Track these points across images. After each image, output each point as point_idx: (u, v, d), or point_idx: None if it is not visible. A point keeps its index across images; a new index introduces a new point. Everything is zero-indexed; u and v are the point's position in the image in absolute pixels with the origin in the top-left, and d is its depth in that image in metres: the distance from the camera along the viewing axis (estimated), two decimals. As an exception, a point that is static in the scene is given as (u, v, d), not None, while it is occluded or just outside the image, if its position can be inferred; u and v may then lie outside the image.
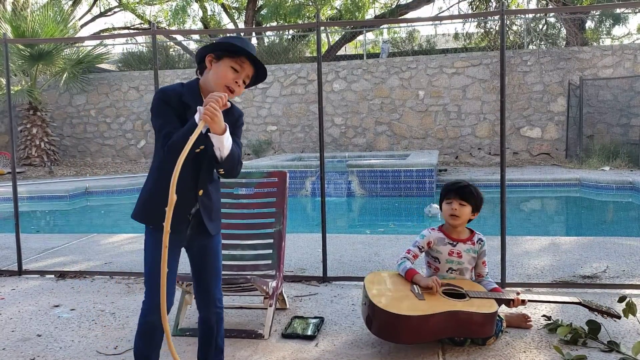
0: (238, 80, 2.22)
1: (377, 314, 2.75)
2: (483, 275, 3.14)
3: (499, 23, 5.90)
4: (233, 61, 2.21)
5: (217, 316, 2.45)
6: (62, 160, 16.07)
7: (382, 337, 2.82)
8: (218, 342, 2.49)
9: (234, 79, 2.21)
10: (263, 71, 2.30)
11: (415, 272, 3.00)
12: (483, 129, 14.17)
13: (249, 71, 2.25)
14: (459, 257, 3.07)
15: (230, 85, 2.20)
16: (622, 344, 2.82)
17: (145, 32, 7.56)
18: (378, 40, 22.41)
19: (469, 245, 3.10)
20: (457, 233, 3.12)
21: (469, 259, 3.09)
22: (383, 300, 2.78)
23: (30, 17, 14.81)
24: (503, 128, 3.88)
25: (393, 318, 2.69)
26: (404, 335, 2.74)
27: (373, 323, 2.81)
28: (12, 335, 3.27)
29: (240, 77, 2.22)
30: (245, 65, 2.23)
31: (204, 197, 2.30)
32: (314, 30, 17.29)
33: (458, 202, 3.04)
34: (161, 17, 24.35)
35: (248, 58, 2.22)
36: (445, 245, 3.09)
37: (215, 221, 2.39)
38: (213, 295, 2.43)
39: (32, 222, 9.24)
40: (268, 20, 19.76)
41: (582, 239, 5.38)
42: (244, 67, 2.23)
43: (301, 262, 4.71)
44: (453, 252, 3.07)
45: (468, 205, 3.05)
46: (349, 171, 10.14)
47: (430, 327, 2.72)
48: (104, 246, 5.69)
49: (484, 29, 17.47)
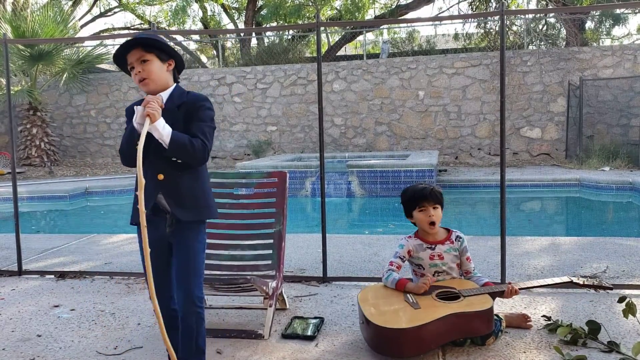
0: (136, 70, 2.40)
1: (376, 331, 2.72)
2: (470, 271, 3.12)
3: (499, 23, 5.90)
4: (128, 67, 2.45)
5: (196, 316, 2.42)
6: (62, 160, 16.07)
7: (386, 354, 2.77)
8: (199, 342, 2.46)
9: (135, 74, 2.41)
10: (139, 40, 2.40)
11: (406, 281, 2.98)
12: (483, 129, 14.17)
13: (136, 55, 2.40)
14: (440, 259, 3.06)
15: (137, 80, 2.42)
16: (622, 344, 2.82)
17: (145, 32, 7.57)
18: (378, 41, 22.41)
19: (448, 245, 3.09)
20: (432, 236, 3.11)
21: (451, 258, 3.08)
22: (379, 316, 2.75)
23: (30, 18, 14.81)
24: (503, 128, 3.88)
25: (391, 333, 2.66)
26: (406, 349, 2.70)
27: (374, 341, 2.79)
28: (12, 335, 3.27)
29: (137, 67, 2.40)
30: (130, 56, 2.41)
31: (165, 182, 2.42)
32: (314, 31, 17.30)
33: (432, 207, 3.03)
34: (161, 17, 24.36)
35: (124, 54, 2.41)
36: (424, 250, 3.08)
37: (185, 208, 2.41)
38: (191, 293, 2.41)
39: (32, 222, 9.25)
40: (268, 20, 19.76)
41: (582, 239, 5.38)
42: (130, 60, 2.41)
43: (301, 262, 4.71)
44: (434, 256, 3.07)
45: (439, 207, 3.05)
46: (349, 171, 10.14)
47: (431, 335, 2.70)
48: (104, 246, 5.69)
49: (484, 30, 17.48)
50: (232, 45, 21.79)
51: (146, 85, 2.41)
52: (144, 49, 2.39)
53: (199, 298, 2.43)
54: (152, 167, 2.41)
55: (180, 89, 2.51)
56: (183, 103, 2.45)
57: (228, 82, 15.52)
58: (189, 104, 2.44)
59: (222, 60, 18.71)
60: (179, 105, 2.44)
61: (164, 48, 2.44)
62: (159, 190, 2.43)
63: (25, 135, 15.09)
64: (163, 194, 2.43)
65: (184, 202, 2.42)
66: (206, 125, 2.43)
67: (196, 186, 2.47)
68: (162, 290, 2.48)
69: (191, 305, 2.41)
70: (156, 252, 2.40)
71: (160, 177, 2.41)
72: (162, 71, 2.45)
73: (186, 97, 2.47)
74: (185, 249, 2.44)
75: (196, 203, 2.46)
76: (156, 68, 2.41)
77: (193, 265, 2.43)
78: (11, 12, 16.96)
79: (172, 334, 2.42)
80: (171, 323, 2.47)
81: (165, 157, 2.38)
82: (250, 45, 20.27)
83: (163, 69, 2.45)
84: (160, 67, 2.44)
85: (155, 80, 2.42)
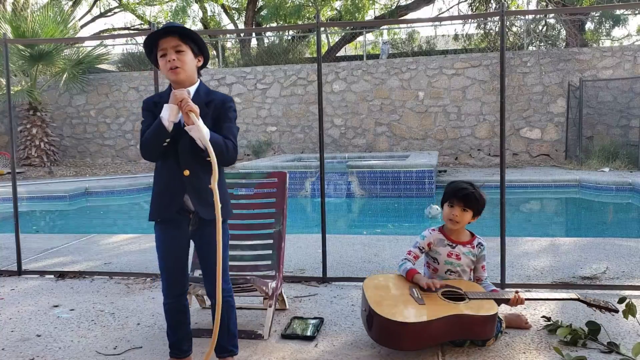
0: (169, 58, 2.40)
1: (376, 320, 2.73)
2: (482, 279, 3.13)
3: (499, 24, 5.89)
4: (157, 51, 2.44)
5: (226, 304, 2.54)
6: (61, 160, 16.07)
7: (382, 343, 2.79)
8: (230, 328, 2.62)
9: (166, 61, 2.40)
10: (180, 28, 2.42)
11: (416, 271, 3.00)
12: (483, 130, 14.17)
13: (172, 43, 2.40)
14: (457, 259, 3.07)
15: (167, 68, 2.41)
16: (622, 345, 2.82)
17: (145, 32, 7.56)
18: (378, 41, 22.41)
19: (468, 249, 3.09)
20: (456, 235, 3.11)
21: (468, 261, 3.09)
22: (383, 307, 2.76)
23: (30, 18, 14.81)
24: (503, 129, 3.88)
25: (393, 325, 2.67)
26: (404, 342, 2.72)
27: (373, 330, 2.79)
28: (11, 335, 3.27)
29: (170, 55, 2.40)
30: (164, 43, 2.41)
31: (191, 177, 2.45)
32: (314, 31, 17.30)
33: (461, 209, 3.03)
34: (161, 17, 24.37)
35: (158, 39, 2.42)
36: (444, 246, 3.09)
37: (209, 206, 2.44)
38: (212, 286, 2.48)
39: (32, 222, 9.24)
40: (268, 21, 19.76)
41: (582, 240, 5.38)
42: (164, 46, 2.41)
43: (301, 262, 4.71)
44: (452, 254, 3.07)
45: (470, 211, 3.04)
46: (349, 172, 10.14)
47: (432, 333, 2.70)
48: (104, 246, 5.68)
49: (484, 30, 17.48)
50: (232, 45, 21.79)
51: (176, 74, 2.41)
52: (181, 39, 2.42)
53: (227, 289, 2.58)
54: (178, 163, 2.45)
55: (205, 86, 2.55)
56: (211, 101, 2.48)
57: (228, 82, 15.53)
58: (217, 103, 2.48)
59: (222, 60, 18.71)
60: (207, 103, 2.47)
61: (199, 43, 2.47)
62: (185, 187, 2.47)
63: (25, 135, 15.09)
64: (188, 191, 2.46)
65: (207, 199, 2.45)
66: (234, 127, 2.50)
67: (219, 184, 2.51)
68: (178, 286, 2.61)
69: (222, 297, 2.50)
70: (175, 249, 2.54)
71: (186, 173, 2.45)
72: (193, 64, 2.47)
73: (213, 96, 2.51)
74: (206, 241, 2.52)
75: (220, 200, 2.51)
76: (189, 60, 2.44)
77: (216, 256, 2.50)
78: (11, 12, 16.97)
79: (184, 328, 2.64)
80: (182, 318, 2.64)
81: (192, 153, 2.41)
82: (250, 45, 20.28)
83: (193, 63, 2.48)
84: (192, 60, 2.46)
85: (187, 70, 2.44)
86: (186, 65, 2.42)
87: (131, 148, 16.14)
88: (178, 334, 2.65)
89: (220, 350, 2.63)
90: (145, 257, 5.07)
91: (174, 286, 2.58)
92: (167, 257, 2.55)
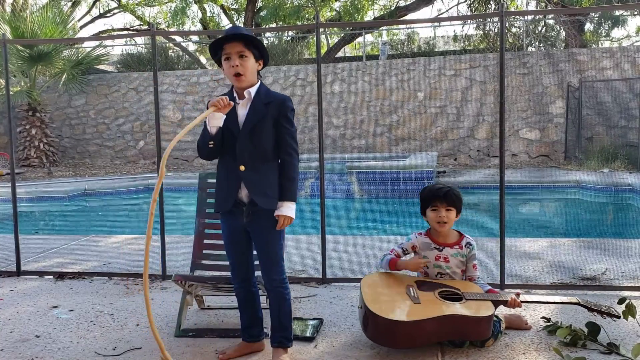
0: (233, 63, 2.57)
1: (372, 318, 2.74)
2: (474, 278, 3.12)
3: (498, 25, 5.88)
4: (223, 54, 2.61)
5: (277, 295, 2.71)
6: (61, 161, 16.05)
7: (377, 342, 2.80)
8: (281, 320, 2.73)
9: (230, 65, 2.57)
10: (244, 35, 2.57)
11: (397, 259, 3.08)
12: (482, 130, 14.17)
13: (236, 48, 2.57)
14: (445, 262, 3.07)
15: (232, 73, 2.58)
16: (622, 346, 2.82)
17: (144, 32, 7.55)
18: (377, 42, 22.42)
19: (456, 250, 3.09)
20: (443, 237, 3.11)
21: (457, 263, 3.08)
22: (378, 305, 2.77)
23: (29, 18, 14.79)
24: (502, 130, 3.88)
25: (388, 323, 2.68)
26: (399, 340, 2.73)
27: (369, 328, 2.80)
28: (10, 336, 3.26)
29: (234, 60, 2.57)
30: (229, 47, 2.57)
31: (247, 172, 2.62)
32: (314, 32, 17.29)
33: (445, 209, 3.04)
34: (160, 18, 24.35)
35: (226, 42, 2.57)
36: (431, 250, 3.09)
37: (265, 196, 2.61)
38: (271, 279, 2.71)
39: (31, 223, 9.23)
40: (267, 21, 19.74)
41: (581, 241, 5.38)
42: (228, 50, 2.57)
43: (300, 263, 4.71)
44: (440, 257, 3.07)
45: (453, 210, 3.05)
46: (348, 173, 10.14)
47: (426, 332, 2.71)
48: (103, 247, 5.68)
49: (483, 31, 17.48)
50: (231, 46, 21.72)
51: (239, 81, 2.60)
52: (245, 45, 2.56)
53: (277, 280, 2.71)
54: (235, 159, 2.63)
55: (265, 87, 2.71)
56: (271, 102, 2.64)
57: (227, 82, 15.51)
58: (277, 104, 2.65)
59: (222, 61, 18.65)
60: (267, 103, 2.64)
61: (261, 48, 2.63)
62: (241, 180, 2.64)
63: (24, 136, 15.07)
64: (245, 183, 2.63)
65: (265, 191, 2.63)
66: (293, 129, 2.69)
67: (273, 178, 2.66)
68: (241, 270, 2.80)
69: (272, 288, 2.72)
70: (235, 239, 2.75)
71: (242, 168, 2.62)
72: (254, 69, 2.64)
73: (273, 97, 2.67)
74: (263, 239, 2.69)
75: (274, 193, 2.65)
76: (251, 65, 2.61)
77: (272, 253, 2.69)
78: (10, 12, 16.96)
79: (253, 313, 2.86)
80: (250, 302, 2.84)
81: (247, 148, 2.61)
82: (249, 46, 20.23)
83: (255, 67, 2.65)
84: (254, 65, 2.63)
85: (249, 76, 2.61)
86: (248, 70, 2.59)
87: (130, 149, 16.13)
88: (246, 318, 2.85)
89: (273, 340, 2.76)
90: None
91: (237, 271, 2.80)
92: (229, 245, 2.78)
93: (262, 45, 2.62)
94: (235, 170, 2.64)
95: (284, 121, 2.65)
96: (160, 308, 3.69)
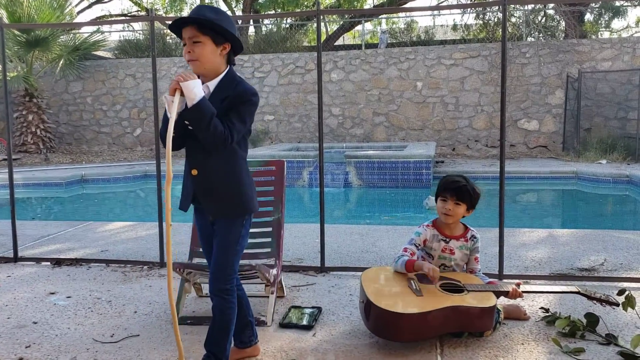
0: (186, 48, 2.35)
1: (374, 312, 2.72)
2: (475, 271, 3.12)
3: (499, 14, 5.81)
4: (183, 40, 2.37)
5: (218, 304, 2.44)
6: (57, 147, 16.00)
7: (380, 335, 2.78)
8: (214, 333, 2.46)
9: (185, 51, 2.36)
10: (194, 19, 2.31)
11: (414, 260, 2.99)
12: (480, 120, 14.15)
13: (188, 33, 2.31)
14: (451, 254, 3.06)
15: (186, 58, 2.37)
16: (620, 337, 2.82)
17: (143, 18, 7.50)
18: (376, 31, 22.31)
19: (461, 242, 3.08)
20: (450, 229, 3.10)
21: (461, 255, 3.08)
22: (380, 298, 2.75)
23: (26, 3, 14.66)
24: (503, 119, 3.86)
25: (391, 316, 2.66)
26: (403, 334, 2.71)
27: (370, 321, 2.78)
28: (7, 322, 3.25)
29: (188, 46, 2.33)
30: (184, 32, 2.33)
31: (198, 177, 2.41)
32: (313, 20, 17.19)
33: (453, 202, 3.01)
34: (158, 4, 24.18)
35: (179, 28, 2.34)
36: (438, 242, 3.08)
37: (213, 203, 2.43)
38: (213, 281, 2.44)
39: (28, 209, 9.21)
40: (266, 8, 19.63)
41: (579, 232, 5.38)
42: (184, 36, 2.33)
43: (299, 252, 4.70)
44: (446, 249, 3.07)
45: (463, 205, 3.02)
46: (347, 162, 10.12)
47: (429, 324, 2.70)
48: (100, 234, 5.66)
49: (483, 21, 17.39)
50: (229, 33, 21.62)
51: (195, 67, 2.33)
52: (199, 29, 2.29)
53: (222, 290, 2.43)
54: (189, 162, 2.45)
55: (231, 76, 2.39)
56: (227, 97, 2.33)
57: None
58: (233, 97, 2.33)
59: (220, 48, 18.56)
60: (224, 99, 2.33)
61: (220, 31, 2.31)
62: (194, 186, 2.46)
63: (21, 121, 15.00)
64: (196, 189, 2.44)
65: (215, 198, 2.44)
66: (240, 119, 2.34)
67: (231, 181, 2.43)
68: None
69: (214, 295, 2.45)
70: (205, 236, 2.56)
71: (194, 173, 2.42)
72: (215, 55, 2.33)
73: (233, 90, 2.34)
74: (219, 240, 2.45)
75: (233, 199, 2.44)
76: (207, 52, 2.31)
77: (222, 258, 2.43)
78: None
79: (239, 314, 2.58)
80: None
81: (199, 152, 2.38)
82: (247, 33, 20.14)
83: (216, 53, 2.33)
84: (213, 51, 2.32)
85: (205, 63, 2.32)
86: (203, 57, 2.30)
87: (127, 135, 16.07)
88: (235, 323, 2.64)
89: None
90: (142, 245, 5.06)
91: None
92: (202, 243, 2.62)
93: (221, 27, 2.28)
94: (189, 174, 2.45)
95: (234, 110, 2.32)
96: (158, 295, 3.68)
